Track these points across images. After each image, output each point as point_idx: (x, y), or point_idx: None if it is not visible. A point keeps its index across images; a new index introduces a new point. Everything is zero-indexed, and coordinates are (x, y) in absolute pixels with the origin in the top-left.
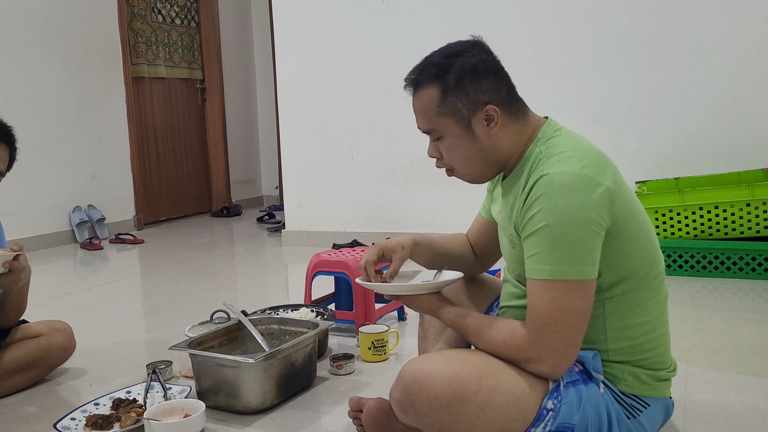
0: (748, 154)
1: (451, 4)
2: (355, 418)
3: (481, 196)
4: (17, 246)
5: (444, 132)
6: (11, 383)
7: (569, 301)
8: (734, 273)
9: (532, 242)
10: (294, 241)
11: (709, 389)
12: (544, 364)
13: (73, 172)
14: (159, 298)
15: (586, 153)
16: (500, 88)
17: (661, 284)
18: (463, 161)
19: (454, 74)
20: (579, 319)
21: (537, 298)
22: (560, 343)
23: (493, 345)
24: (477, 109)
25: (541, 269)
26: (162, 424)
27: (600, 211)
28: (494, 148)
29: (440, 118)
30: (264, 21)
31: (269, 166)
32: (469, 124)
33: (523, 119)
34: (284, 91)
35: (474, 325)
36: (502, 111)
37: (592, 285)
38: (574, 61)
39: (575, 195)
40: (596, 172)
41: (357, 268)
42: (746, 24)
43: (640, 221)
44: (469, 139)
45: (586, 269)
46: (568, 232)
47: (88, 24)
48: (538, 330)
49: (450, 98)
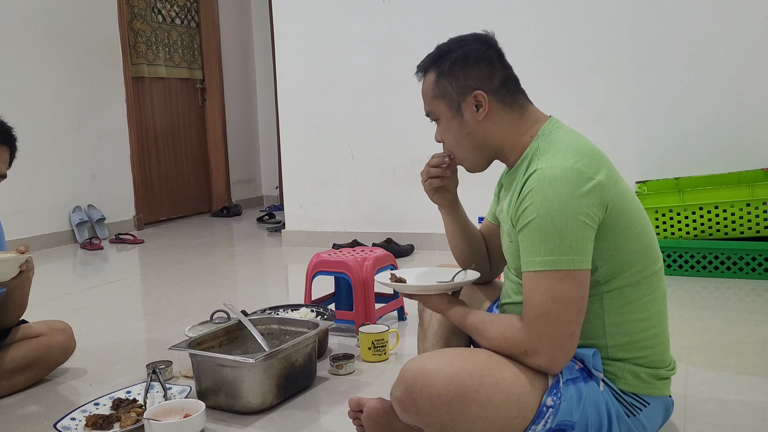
0: (748, 154)
1: (450, 4)
2: (355, 419)
3: (481, 195)
4: (24, 246)
5: (438, 114)
6: (11, 383)
7: (561, 290)
8: (734, 273)
9: (524, 235)
10: (294, 241)
11: (709, 389)
12: (541, 356)
13: (73, 172)
14: (159, 298)
15: (580, 148)
16: (492, 77)
17: (659, 281)
18: (455, 145)
19: (449, 60)
20: (573, 309)
21: (531, 289)
22: (554, 333)
23: (494, 340)
24: (466, 93)
25: (533, 261)
26: (162, 424)
27: (590, 203)
28: (483, 134)
29: (435, 101)
30: (264, 21)
31: (269, 166)
32: (459, 107)
33: (519, 111)
34: (284, 91)
35: (476, 322)
36: (493, 99)
37: (584, 275)
38: (575, 61)
39: (565, 187)
40: (588, 167)
41: (357, 268)
42: (746, 24)
43: (636, 216)
44: (458, 122)
45: (577, 258)
46: (558, 222)
47: (88, 24)
48: (533, 321)
49: (442, 81)
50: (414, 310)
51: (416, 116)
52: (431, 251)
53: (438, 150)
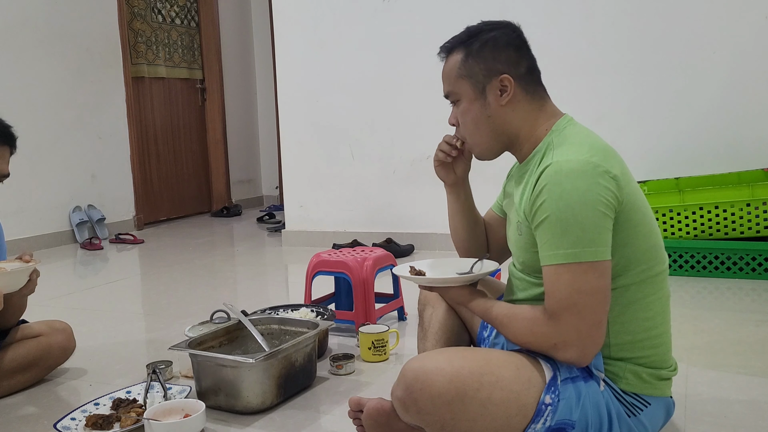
0: (748, 154)
1: (450, 5)
2: (355, 419)
3: (481, 196)
4: (28, 255)
5: (460, 94)
6: (11, 383)
7: (585, 281)
8: (734, 273)
9: (543, 229)
10: (294, 241)
11: (709, 389)
12: (571, 348)
13: (73, 172)
14: (159, 298)
15: (594, 144)
16: (520, 64)
17: (663, 282)
18: (473, 127)
19: (478, 41)
20: (598, 300)
21: (554, 283)
22: (582, 324)
23: (521, 336)
24: (493, 76)
25: (555, 254)
26: (162, 424)
27: (608, 194)
28: (503, 119)
29: (458, 80)
30: (264, 21)
31: (269, 166)
32: (483, 89)
33: (539, 102)
34: (284, 91)
35: (501, 316)
36: (518, 85)
37: (606, 266)
38: (575, 61)
39: (582, 179)
40: (604, 161)
41: (357, 268)
42: (746, 24)
43: (646, 214)
44: (480, 104)
45: (600, 250)
46: (578, 214)
47: (88, 24)
48: (559, 314)
49: (470, 61)
50: (414, 310)
51: (416, 116)
52: (431, 251)
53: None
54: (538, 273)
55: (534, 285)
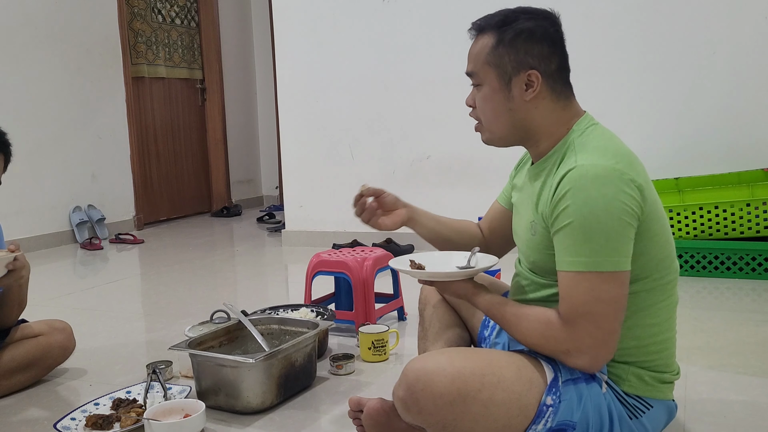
0: (748, 154)
1: (450, 5)
2: (355, 419)
3: (481, 196)
4: (14, 246)
5: (484, 81)
6: (11, 383)
7: (604, 290)
8: (734, 273)
9: (565, 234)
10: (294, 241)
11: (709, 389)
12: (584, 355)
13: (73, 172)
14: (159, 298)
15: (618, 150)
16: (551, 60)
17: (673, 289)
18: (491, 116)
19: (513, 29)
20: (615, 309)
21: (571, 288)
22: (597, 332)
23: (531, 338)
24: (521, 69)
25: (576, 261)
26: (162, 424)
27: (633, 203)
28: (524, 115)
29: (485, 66)
30: (264, 21)
31: (269, 166)
32: (509, 81)
33: (564, 102)
34: (284, 91)
35: (509, 315)
36: (545, 83)
37: (626, 276)
38: (574, 61)
39: (608, 186)
40: (628, 168)
41: (357, 268)
42: (746, 24)
43: (663, 224)
44: (503, 96)
45: (621, 260)
46: (603, 222)
47: (88, 24)
48: (575, 321)
49: (501, 50)
50: (414, 310)
51: (416, 116)
52: (431, 251)
53: None
54: (549, 274)
55: (544, 286)
